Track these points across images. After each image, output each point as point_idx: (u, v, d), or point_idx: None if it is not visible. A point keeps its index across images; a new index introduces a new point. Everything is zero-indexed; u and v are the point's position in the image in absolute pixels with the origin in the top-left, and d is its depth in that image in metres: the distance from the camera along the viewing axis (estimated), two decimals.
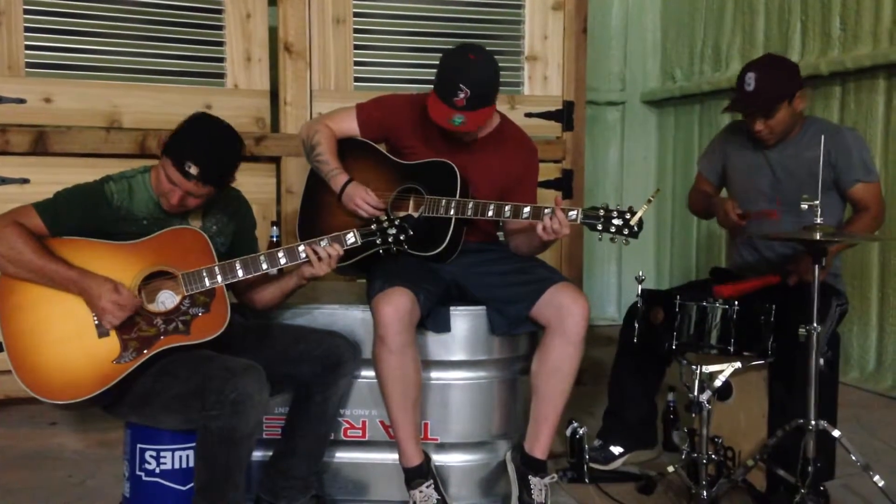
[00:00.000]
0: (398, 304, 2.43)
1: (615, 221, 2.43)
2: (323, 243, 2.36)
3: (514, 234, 2.73)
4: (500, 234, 2.91)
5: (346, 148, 2.74)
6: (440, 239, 2.60)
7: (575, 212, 2.46)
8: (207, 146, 2.28)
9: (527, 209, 2.50)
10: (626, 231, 2.43)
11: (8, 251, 2.18)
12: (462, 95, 2.51)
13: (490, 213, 2.54)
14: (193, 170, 2.23)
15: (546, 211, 2.46)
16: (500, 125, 2.78)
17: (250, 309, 2.54)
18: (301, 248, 2.36)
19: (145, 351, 2.22)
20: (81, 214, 2.27)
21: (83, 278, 2.19)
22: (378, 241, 2.40)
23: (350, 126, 2.76)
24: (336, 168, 2.68)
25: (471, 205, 2.56)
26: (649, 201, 2.40)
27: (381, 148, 2.79)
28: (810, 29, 4.28)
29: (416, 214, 2.62)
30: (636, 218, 2.41)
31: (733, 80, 4.53)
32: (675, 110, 5.44)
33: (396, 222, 2.41)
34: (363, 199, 2.61)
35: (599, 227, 2.44)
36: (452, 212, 2.57)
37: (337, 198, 2.66)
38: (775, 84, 2.75)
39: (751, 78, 2.76)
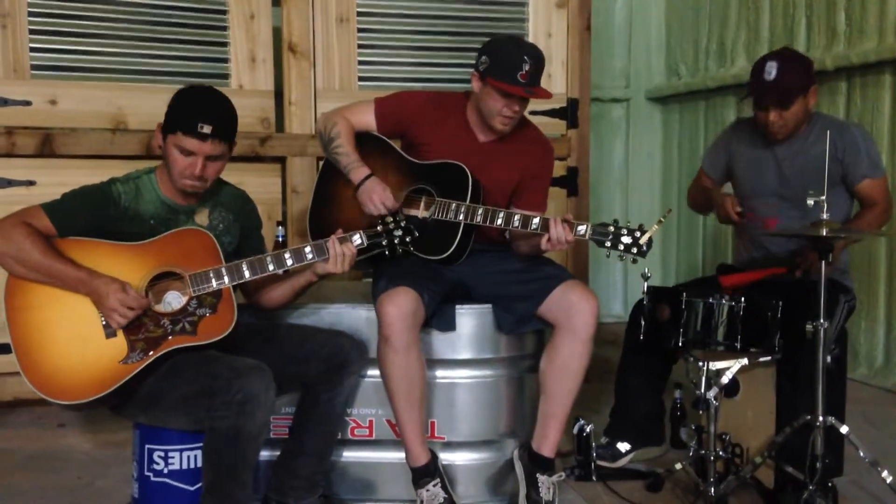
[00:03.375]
0: (402, 303, 2.43)
1: (624, 239, 2.42)
2: (328, 244, 2.37)
3: (518, 239, 2.73)
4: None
5: (359, 143, 2.74)
6: (448, 243, 2.59)
7: (584, 227, 2.45)
8: (211, 104, 2.33)
9: (535, 220, 2.49)
10: (634, 250, 2.42)
11: (16, 252, 2.19)
12: (527, 68, 2.52)
13: (499, 222, 2.53)
14: (207, 129, 2.26)
15: (554, 225, 2.45)
16: (518, 125, 2.77)
17: (259, 309, 2.55)
18: (308, 249, 2.37)
19: (152, 352, 2.22)
20: (89, 215, 2.28)
21: (91, 279, 2.20)
22: (384, 243, 2.40)
23: (367, 120, 2.76)
24: (356, 160, 2.67)
25: (480, 211, 2.55)
26: (660, 221, 2.39)
27: (396, 144, 2.79)
28: (815, 24, 4.26)
29: (421, 216, 2.62)
30: (645, 238, 2.40)
31: (739, 76, 4.52)
32: (679, 107, 5.42)
33: (402, 224, 2.41)
34: (381, 197, 2.58)
35: (608, 244, 2.43)
36: (462, 216, 2.56)
37: (354, 189, 2.66)
38: (795, 76, 2.74)
39: (772, 67, 2.73)
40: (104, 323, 2.22)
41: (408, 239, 2.41)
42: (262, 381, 2.16)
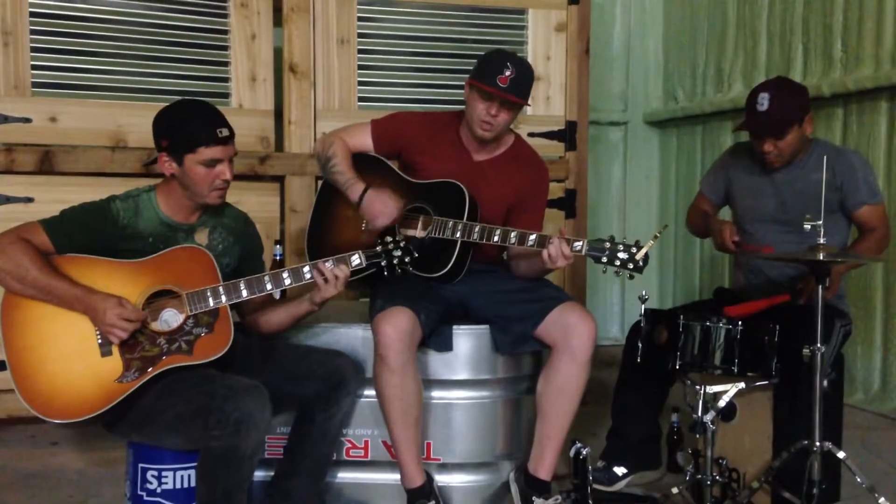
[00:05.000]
0: (398, 323, 2.43)
1: (620, 255, 2.42)
2: (328, 264, 2.36)
3: (517, 258, 2.73)
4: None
5: (357, 164, 2.75)
6: (445, 260, 2.60)
7: (580, 243, 2.46)
8: (212, 111, 2.36)
9: (532, 237, 2.50)
10: (630, 266, 2.42)
11: (14, 268, 2.19)
12: (508, 74, 2.54)
13: (496, 239, 2.54)
14: (225, 131, 2.31)
15: (551, 240, 2.46)
16: (513, 145, 2.79)
17: (256, 332, 2.53)
18: (306, 268, 2.36)
19: (148, 370, 2.22)
20: (88, 232, 2.28)
21: (87, 296, 2.20)
22: (383, 264, 2.40)
23: (364, 141, 2.78)
24: (353, 177, 2.68)
25: (477, 228, 2.56)
26: (656, 237, 2.40)
27: (393, 165, 2.80)
28: (812, 51, 4.30)
29: (419, 235, 2.62)
30: (642, 253, 2.41)
31: (736, 101, 4.55)
32: (677, 130, 5.45)
33: (402, 244, 2.40)
34: (384, 205, 2.60)
35: (604, 259, 2.44)
36: (459, 234, 2.57)
37: (356, 206, 2.66)
38: (788, 106, 2.75)
39: (764, 98, 2.75)
40: (100, 341, 2.22)
41: (407, 259, 2.40)
42: (257, 401, 2.16)
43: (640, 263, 2.41)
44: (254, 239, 2.56)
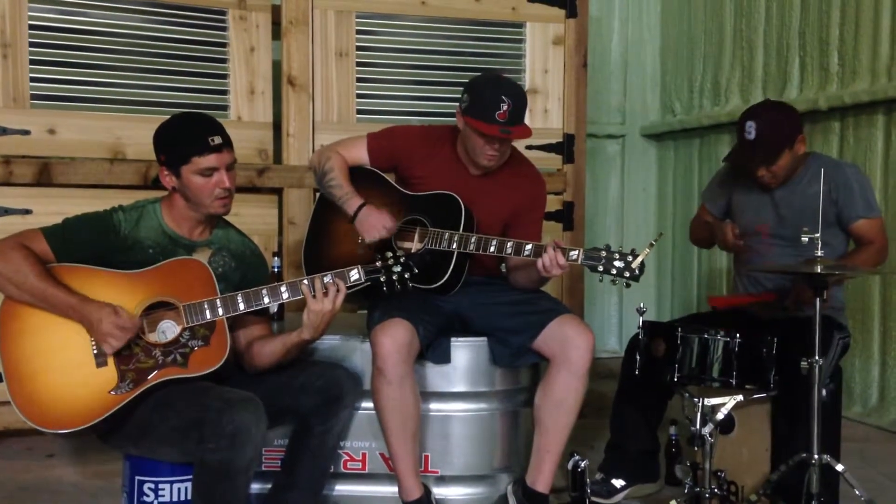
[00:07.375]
0: (396, 335, 2.43)
1: (616, 263, 2.42)
2: (326, 279, 2.34)
3: (514, 269, 2.73)
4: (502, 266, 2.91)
5: (353, 177, 2.76)
6: (441, 272, 2.60)
7: (576, 252, 2.46)
8: (205, 120, 2.38)
9: (528, 247, 2.50)
10: (627, 274, 2.42)
11: (13, 274, 2.19)
12: (505, 108, 2.52)
13: (492, 249, 2.54)
14: (218, 139, 2.31)
15: (546, 249, 2.46)
16: (510, 158, 2.79)
17: (250, 369, 2.44)
18: (305, 282, 2.35)
19: (143, 382, 2.21)
20: (88, 242, 2.29)
21: (83, 305, 2.19)
22: (382, 279, 2.37)
23: (360, 154, 2.78)
24: (349, 192, 2.69)
25: (473, 239, 2.56)
26: (651, 245, 2.39)
27: (389, 178, 2.81)
28: (809, 64, 4.32)
29: (414, 249, 2.62)
30: (638, 261, 2.41)
31: (733, 115, 4.56)
32: (674, 143, 5.47)
33: (402, 260, 2.38)
34: (379, 221, 2.60)
35: (600, 268, 2.44)
36: (455, 245, 2.57)
37: (350, 219, 2.66)
38: (776, 132, 2.74)
39: (751, 127, 2.75)
40: (95, 351, 2.21)
41: (406, 276, 2.37)
42: (253, 414, 2.15)
43: (637, 272, 2.42)
44: (258, 270, 2.50)
